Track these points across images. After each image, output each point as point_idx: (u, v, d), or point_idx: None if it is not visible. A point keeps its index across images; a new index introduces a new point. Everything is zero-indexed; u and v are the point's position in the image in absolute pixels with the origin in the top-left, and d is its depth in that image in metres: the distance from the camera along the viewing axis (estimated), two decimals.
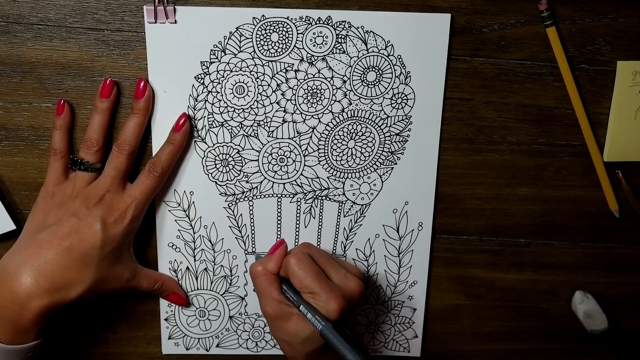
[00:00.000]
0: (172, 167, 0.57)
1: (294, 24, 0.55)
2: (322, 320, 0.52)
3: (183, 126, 0.56)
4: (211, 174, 0.59)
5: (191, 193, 0.59)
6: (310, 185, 0.60)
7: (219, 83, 0.56)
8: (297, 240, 0.61)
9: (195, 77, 0.56)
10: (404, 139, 0.59)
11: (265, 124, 0.58)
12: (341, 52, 0.56)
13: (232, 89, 0.56)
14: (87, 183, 0.55)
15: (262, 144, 0.58)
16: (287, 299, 0.56)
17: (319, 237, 0.61)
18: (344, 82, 0.57)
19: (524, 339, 0.68)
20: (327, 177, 0.60)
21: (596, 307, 0.64)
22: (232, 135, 0.58)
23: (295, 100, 0.57)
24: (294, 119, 0.58)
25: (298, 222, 0.61)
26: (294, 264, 0.55)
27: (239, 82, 0.56)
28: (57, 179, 0.56)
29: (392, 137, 0.59)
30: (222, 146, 0.58)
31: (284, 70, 0.56)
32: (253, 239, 0.61)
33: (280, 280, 0.57)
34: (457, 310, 0.66)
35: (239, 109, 0.57)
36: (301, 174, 0.59)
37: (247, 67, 0.56)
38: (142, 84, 0.55)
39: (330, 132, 0.58)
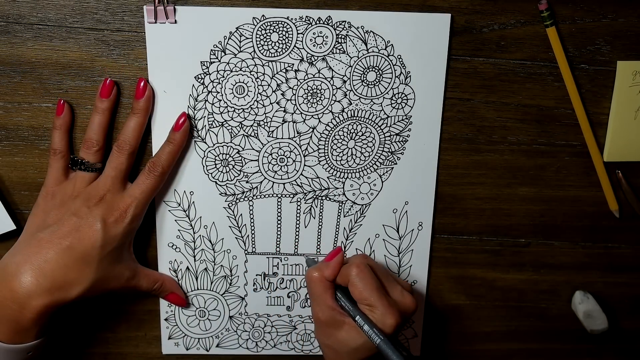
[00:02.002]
0: (172, 166, 0.57)
1: (294, 24, 0.55)
2: (380, 334, 0.52)
3: (183, 125, 0.56)
4: (211, 174, 0.59)
5: (191, 193, 0.59)
6: (310, 185, 0.60)
7: (219, 83, 0.56)
8: (297, 240, 0.61)
9: (195, 77, 0.56)
10: (404, 139, 0.59)
11: (265, 124, 0.58)
12: (341, 52, 0.56)
13: (232, 89, 0.56)
14: (87, 183, 0.55)
15: (262, 144, 0.58)
16: (341, 307, 0.56)
17: (319, 237, 0.61)
18: (344, 82, 0.57)
19: (524, 339, 0.68)
20: (327, 177, 0.60)
21: (596, 307, 0.64)
22: (232, 135, 0.58)
23: (295, 100, 0.57)
24: (294, 119, 0.58)
25: (298, 222, 0.61)
26: (356, 274, 0.55)
27: (239, 82, 0.56)
28: (57, 179, 0.56)
29: (392, 137, 0.59)
30: (222, 146, 0.58)
31: (284, 70, 0.56)
32: (253, 239, 0.61)
33: (335, 287, 0.57)
34: (457, 310, 0.66)
35: (239, 109, 0.57)
36: (301, 174, 0.59)
37: (247, 67, 0.56)
38: (142, 83, 0.55)
39: (330, 132, 0.58)
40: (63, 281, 0.52)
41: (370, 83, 0.57)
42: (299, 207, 0.60)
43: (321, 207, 0.61)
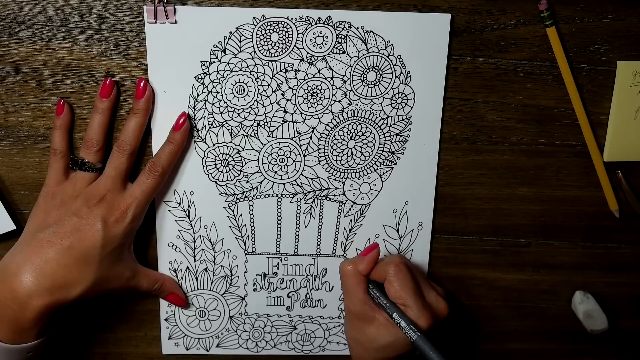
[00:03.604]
0: (172, 166, 0.57)
1: (294, 24, 0.55)
2: (417, 330, 0.53)
3: (183, 125, 0.56)
4: (211, 174, 0.59)
5: (191, 193, 0.59)
6: (310, 185, 0.60)
7: (219, 83, 0.56)
8: (297, 240, 0.61)
9: (195, 77, 0.56)
10: (404, 139, 0.59)
11: (265, 124, 0.58)
12: (341, 52, 0.56)
13: (232, 89, 0.56)
14: (87, 183, 0.55)
15: (262, 144, 0.58)
16: (375, 303, 0.56)
17: (319, 237, 0.61)
18: (344, 82, 0.57)
19: (524, 339, 0.68)
20: (327, 177, 0.60)
21: (596, 307, 0.64)
22: (232, 135, 0.58)
23: (295, 100, 0.57)
24: (294, 119, 0.58)
25: (298, 222, 0.61)
26: (393, 273, 0.55)
27: (239, 82, 0.56)
28: (57, 178, 0.56)
29: (392, 137, 0.59)
30: (222, 146, 0.58)
31: (284, 70, 0.56)
32: (253, 239, 0.61)
33: (368, 282, 0.58)
34: (457, 310, 0.66)
35: (239, 109, 0.57)
36: (301, 174, 0.59)
37: (247, 67, 0.56)
38: (142, 83, 0.55)
39: (330, 132, 0.58)
40: (63, 281, 0.52)
41: (370, 83, 0.57)
42: (299, 207, 0.60)
43: (321, 207, 0.61)
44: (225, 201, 0.60)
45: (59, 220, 0.54)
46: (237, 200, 0.60)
